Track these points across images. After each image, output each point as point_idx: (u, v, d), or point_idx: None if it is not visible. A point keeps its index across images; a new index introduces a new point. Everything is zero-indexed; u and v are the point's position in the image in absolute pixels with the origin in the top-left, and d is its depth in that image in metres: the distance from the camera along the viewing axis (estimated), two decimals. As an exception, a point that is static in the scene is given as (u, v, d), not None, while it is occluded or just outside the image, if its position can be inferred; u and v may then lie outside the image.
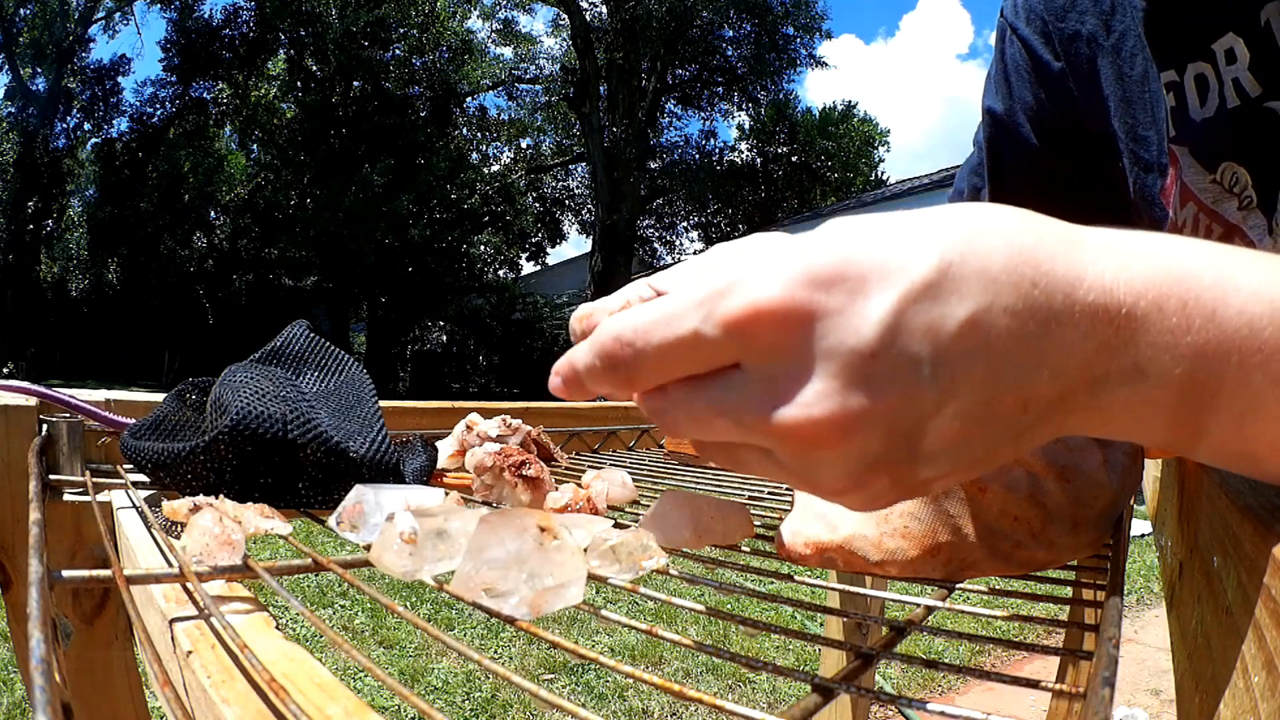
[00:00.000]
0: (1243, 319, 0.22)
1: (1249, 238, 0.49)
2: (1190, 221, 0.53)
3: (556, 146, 17.83)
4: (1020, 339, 0.22)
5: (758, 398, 0.23)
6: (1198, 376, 0.23)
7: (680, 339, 0.24)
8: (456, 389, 15.24)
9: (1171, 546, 0.52)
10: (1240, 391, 0.23)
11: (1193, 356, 0.22)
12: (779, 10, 15.23)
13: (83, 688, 0.61)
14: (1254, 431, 0.23)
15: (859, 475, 0.24)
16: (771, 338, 0.23)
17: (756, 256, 0.24)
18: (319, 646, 2.16)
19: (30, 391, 0.60)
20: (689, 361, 0.24)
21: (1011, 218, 0.23)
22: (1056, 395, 0.23)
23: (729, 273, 0.24)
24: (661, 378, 0.25)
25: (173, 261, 15.36)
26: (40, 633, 0.23)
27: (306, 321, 0.69)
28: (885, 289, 0.22)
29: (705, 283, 0.24)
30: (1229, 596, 0.26)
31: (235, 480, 0.48)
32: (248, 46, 14.90)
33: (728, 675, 2.23)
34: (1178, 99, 0.51)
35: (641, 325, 0.25)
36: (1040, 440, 0.24)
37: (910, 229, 0.23)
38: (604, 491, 0.54)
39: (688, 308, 0.24)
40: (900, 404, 0.22)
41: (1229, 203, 0.50)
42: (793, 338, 0.22)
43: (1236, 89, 0.47)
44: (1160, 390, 0.23)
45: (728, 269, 0.24)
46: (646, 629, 0.32)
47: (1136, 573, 3.57)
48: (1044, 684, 0.27)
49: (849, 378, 0.22)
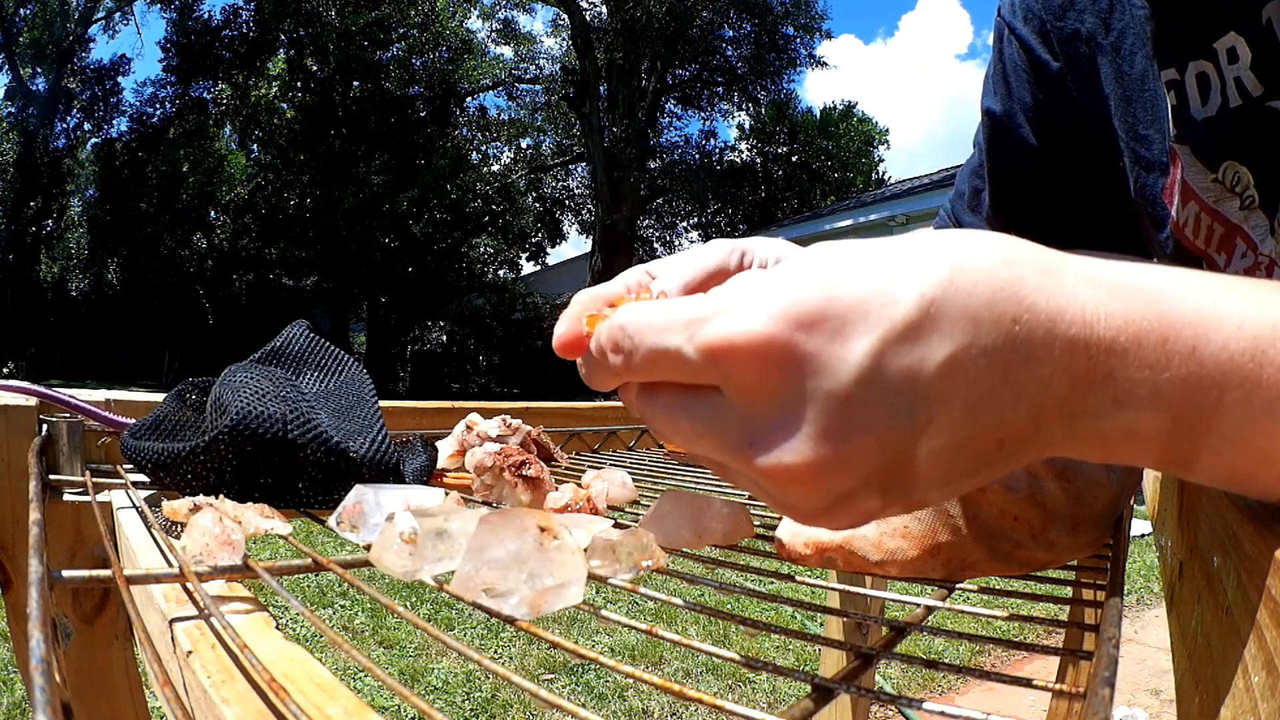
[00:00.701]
0: (1225, 354, 0.22)
1: (1250, 237, 0.49)
2: (1192, 221, 0.53)
3: (556, 146, 17.82)
4: (999, 377, 0.22)
5: (736, 429, 0.24)
6: (1177, 411, 0.23)
7: (665, 351, 0.24)
8: (456, 389, 15.23)
9: (1171, 546, 0.52)
10: (1222, 424, 0.23)
11: (1172, 391, 0.22)
12: (779, 10, 15.22)
13: (83, 688, 0.61)
14: (1242, 461, 0.23)
15: (832, 508, 0.24)
16: (749, 374, 0.23)
17: (744, 285, 0.24)
18: (319, 646, 2.16)
19: (30, 391, 0.60)
20: (674, 374, 0.25)
21: (994, 249, 0.23)
22: (1033, 429, 0.23)
23: (717, 298, 0.24)
24: (652, 377, 0.26)
25: (173, 261, 15.36)
26: (40, 633, 0.23)
27: (306, 321, 0.69)
28: (866, 331, 0.22)
29: (695, 302, 0.24)
30: (1229, 596, 0.26)
31: (235, 480, 0.48)
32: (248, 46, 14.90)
33: (728, 675, 2.23)
34: (1179, 97, 0.51)
35: (640, 324, 0.25)
36: (1017, 466, 0.25)
37: (893, 264, 0.23)
38: (604, 491, 0.54)
39: (676, 323, 0.24)
40: (876, 446, 0.22)
41: (1230, 202, 0.50)
42: (770, 377, 0.22)
43: (1238, 88, 0.47)
44: (1141, 423, 0.23)
45: (719, 293, 0.24)
46: (646, 629, 0.32)
47: (1136, 573, 3.57)
48: (1044, 684, 0.27)
49: (826, 423, 0.22)
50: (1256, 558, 0.23)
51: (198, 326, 15.61)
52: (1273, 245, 0.47)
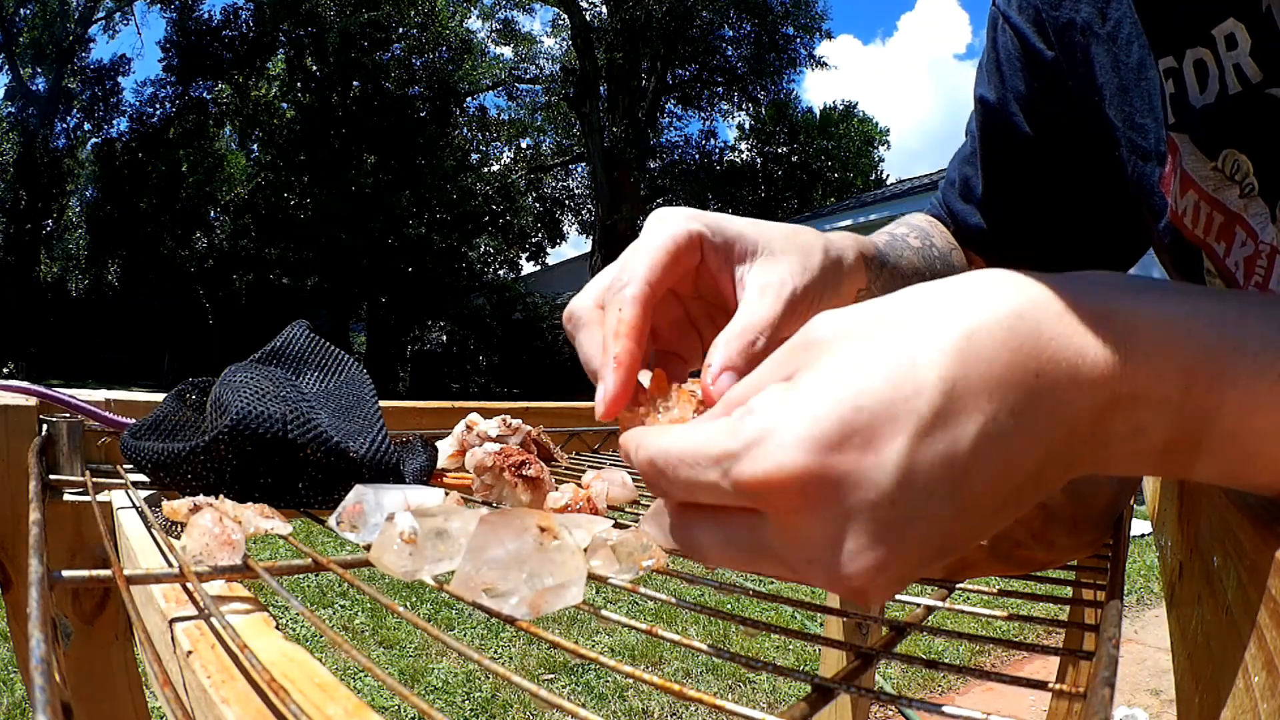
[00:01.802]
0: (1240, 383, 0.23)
1: (1250, 225, 0.48)
2: (1191, 209, 0.52)
3: (556, 146, 17.81)
4: (1027, 431, 0.23)
5: (784, 548, 0.24)
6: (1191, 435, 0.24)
7: (700, 484, 0.25)
8: (456, 389, 15.22)
9: (1171, 546, 0.52)
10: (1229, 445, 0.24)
11: (1190, 417, 0.23)
12: (779, 10, 15.22)
13: (83, 688, 0.61)
14: (1244, 470, 0.24)
15: (898, 586, 0.24)
16: (790, 502, 0.23)
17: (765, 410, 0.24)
18: (319, 646, 2.16)
19: (30, 391, 0.60)
20: (713, 500, 0.25)
21: (1005, 302, 0.24)
22: (1065, 463, 0.24)
23: (741, 429, 0.24)
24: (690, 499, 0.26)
25: (173, 261, 15.36)
26: (40, 633, 0.23)
27: (306, 321, 0.69)
28: (895, 434, 0.22)
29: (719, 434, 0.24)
30: (1229, 596, 0.26)
31: (235, 480, 0.48)
32: (248, 46, 14.89)
33: (728, 675, 2.23)
34: (1176, 85, 0.50)
35: (670, 460, 0.26)
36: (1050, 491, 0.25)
37: (908, 349, 0.23)
38: (604, 491, 0.54)
39: (706, 459, 0.24)
40: (929, 530, 0.23)
41: (1230, 190, 0.49)
42: (812, 501, 0.23)
43: (1238, 75, 0.46)
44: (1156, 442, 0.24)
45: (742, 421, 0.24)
46: (646, 629, 0.32)
47: (1136, 573, 3.57)
48: (1044, 684, 0.27)
49: (876, 530, 0.22)
50: (1256, 558, 0.23)
51: (198, 326, 15.61)
52: (1273, 233, 0.47)
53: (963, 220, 0.71)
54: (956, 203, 0.72)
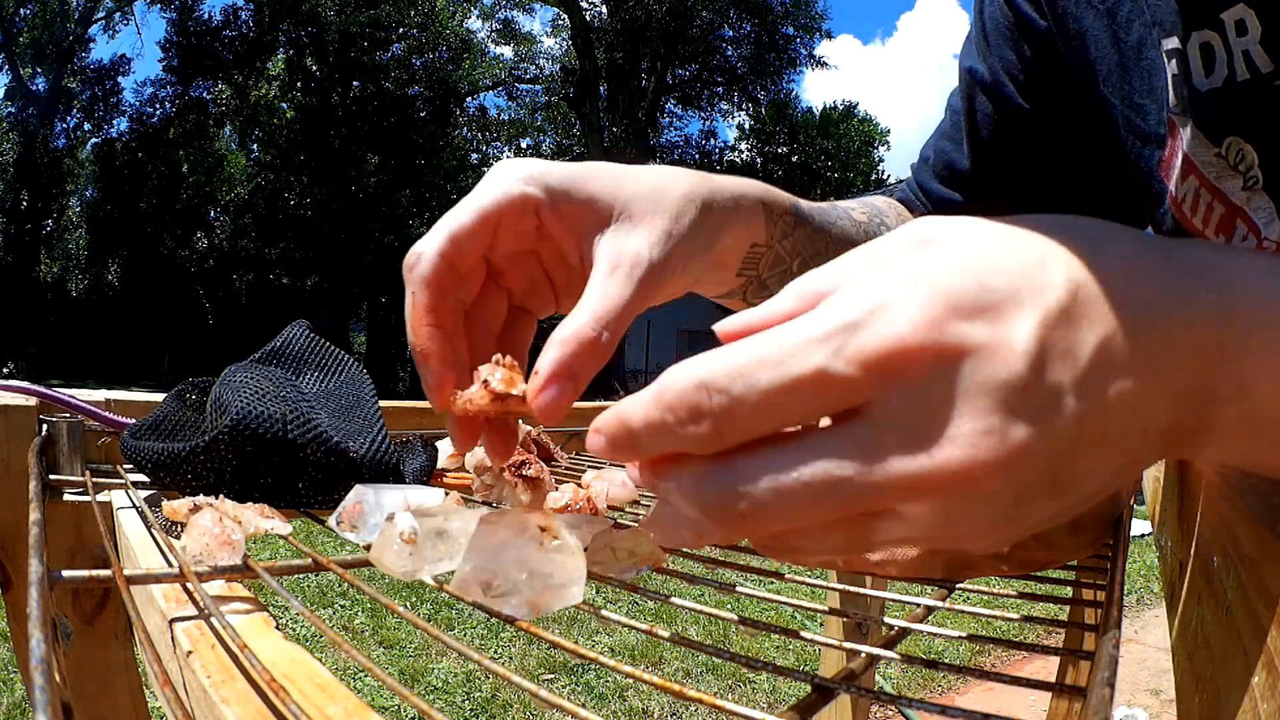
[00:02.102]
0: None
1: (1253, 220, 0.47)
2: (1191, 196, 0.51)
3: (556, 146, 17.81)
4: (1141, 363, 0.22)
5: (897, 446, 0.21)
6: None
7: (798, 379, 0.21)
8: (456, 389, 15.19)
9: (1171, 546, 0.52)
10: None
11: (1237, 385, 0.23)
12: (779, 10, 15.25)
13: (83, 688, 0.61)
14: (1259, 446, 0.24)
15: (1011, 513, 0.22)
16: (918, 376, 0.21)
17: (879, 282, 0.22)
18: (319, 646, 2.16)
19: (30, 391, 0.60)
20: (804, 408, 0.22)
21: (1122, 236, 0.24)
22: (1172, 417, 0.23)
23: (849, 303, 0.22)
24: (759, 430, 0.22)
25: (173, 261, 15.37)
26: (40, 633, 0.23)
27: (306, 321, 0.69)
28: (1024, 317, 0.21)
29: (824, 316, 0.22)
30: (1229, 596, 0.26)
31: (235, 480, 0.48)
32: (248, 46, 14.90)
33: (728, 675, 2.23)
34: (1180, 67, 0.49)
35: (738, 366, 0.22)
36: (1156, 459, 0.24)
37: (1035, 250, 0.23)
38: (604, 491, 0.54)
39: (809, 342, 0.21)
40: (1051, 434, 0.21)
41: (1233, 181, 0.48)
42: (941, 375, 0.21)
43: (1247, 62, 0.45)
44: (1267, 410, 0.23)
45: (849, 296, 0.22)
46: (646, 629, 0.32)
47: (1136, 573, 3.57)
48: (1044, 684, 0.27)
49: (1007, 411, 0.20)
50: (1256, 558, 0.23)
51: (198, 326, 15.62)
52: (1278, 229, 0.46)
53: (939, 198, 0.68)
54: (930, 182, 0.69)
